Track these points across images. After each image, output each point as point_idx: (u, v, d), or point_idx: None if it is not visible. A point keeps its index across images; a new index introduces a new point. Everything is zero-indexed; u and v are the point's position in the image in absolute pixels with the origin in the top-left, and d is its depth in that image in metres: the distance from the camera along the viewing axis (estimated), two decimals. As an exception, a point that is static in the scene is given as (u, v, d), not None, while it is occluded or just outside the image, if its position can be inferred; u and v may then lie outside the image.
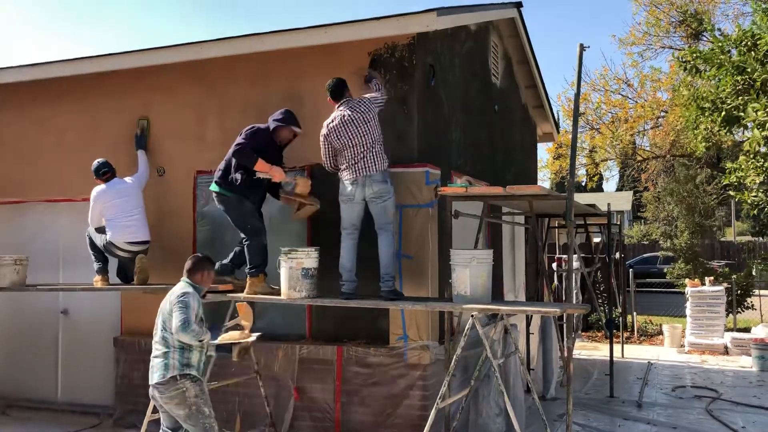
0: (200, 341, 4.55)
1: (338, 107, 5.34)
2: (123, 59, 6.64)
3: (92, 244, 6.30)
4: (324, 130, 5.36)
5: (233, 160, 5.54)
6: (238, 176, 5.51)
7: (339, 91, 5.37)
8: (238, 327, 5.12)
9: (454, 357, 4.71)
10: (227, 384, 5.77)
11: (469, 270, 4.78)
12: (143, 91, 6.87)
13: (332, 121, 5.31)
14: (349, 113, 5.22)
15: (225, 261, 5.80)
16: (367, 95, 5.37)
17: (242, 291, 5.62)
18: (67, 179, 7.17)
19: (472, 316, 4.60)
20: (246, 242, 5.60)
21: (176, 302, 4.52)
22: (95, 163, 6.36)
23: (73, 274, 7.20)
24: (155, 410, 5.52)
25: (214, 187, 5.65)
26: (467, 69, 7.10)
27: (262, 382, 5.65)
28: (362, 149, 5.17)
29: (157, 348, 4.61)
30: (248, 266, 5.57)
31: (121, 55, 6.64)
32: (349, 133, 5.20)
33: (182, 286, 4.68)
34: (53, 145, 7.31)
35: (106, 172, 6.32)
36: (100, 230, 6.22)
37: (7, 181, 7.52)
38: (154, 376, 4.55)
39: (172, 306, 4.54)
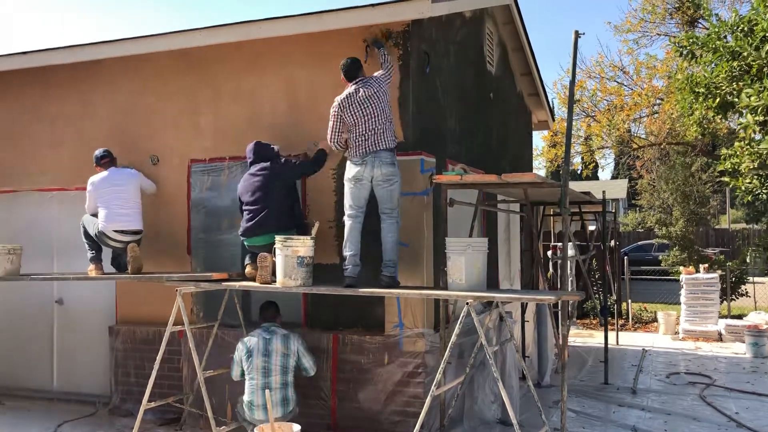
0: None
1: (351, 85, 5.30)
2: (115, 47, 6.58)
3: (86, 233, 6.27)
4: (335, 105, 5.28)
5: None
6: None
7: (353, 72, 5.32)
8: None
9: (449, 344, 4.72)
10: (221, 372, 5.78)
11: (465, 258, 4.77)
12: (137, 79, 6.82)
13: (345, 98, 5.25)
14: (363, 90, 5.20)
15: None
16: (376, 73, 5.33)
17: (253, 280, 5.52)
18: (60, 168, 7.13)
19: (468, 303, 4.60)
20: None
21: (304, 346, 5.42)
22: (97, 151, 6.38)
23: (68, 263, 7.18)
24: (151, 398, 5.54)
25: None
26: (462, 56, 7.07)
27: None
28: (373, 126, 5.14)
29: (276, 381, 5.26)
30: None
31: (113, 42, 6.58)
32: (363, 110, 5.17)
33: (281, 331, 5.44)
34: (45, 133, 7.26)
35: (104, 157, 6.32)
36: (96, 216, 6.20)
37: (-1, 170, 7.48)
38: (278, 410, 5.14)
39: (298, 348, 5.37)
